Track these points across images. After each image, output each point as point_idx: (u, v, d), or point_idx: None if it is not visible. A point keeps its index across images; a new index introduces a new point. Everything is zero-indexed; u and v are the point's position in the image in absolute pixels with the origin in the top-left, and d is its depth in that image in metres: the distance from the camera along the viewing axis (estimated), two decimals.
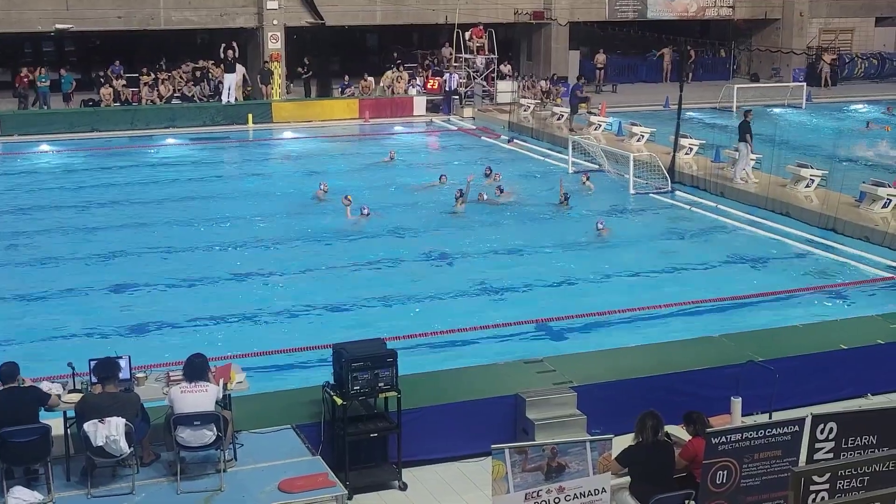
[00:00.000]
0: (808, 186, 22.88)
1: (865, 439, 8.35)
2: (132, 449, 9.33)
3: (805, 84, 38.86)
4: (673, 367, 11.92)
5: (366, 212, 21.05)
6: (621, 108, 34.90)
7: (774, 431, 8.40)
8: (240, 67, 34.75)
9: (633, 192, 23.99)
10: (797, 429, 8.45)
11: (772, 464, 8.40)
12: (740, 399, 10.39)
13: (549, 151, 29.06)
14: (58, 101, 33.96)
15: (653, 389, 11.35)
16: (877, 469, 7.92)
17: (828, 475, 7.96)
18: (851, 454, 8.27)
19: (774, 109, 35.51)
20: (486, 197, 22.61)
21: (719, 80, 41.12)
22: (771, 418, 10.54)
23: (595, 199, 23.39)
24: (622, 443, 9.21)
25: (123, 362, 9.99)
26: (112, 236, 20.19)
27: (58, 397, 9.72)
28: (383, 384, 10.26)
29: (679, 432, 9.74)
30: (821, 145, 29.43)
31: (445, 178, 24.02)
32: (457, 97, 35.68)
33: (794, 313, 15.46)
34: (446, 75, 36.26)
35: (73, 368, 10.00)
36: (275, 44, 35.56)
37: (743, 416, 10.43)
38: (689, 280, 17.69)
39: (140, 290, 17.03)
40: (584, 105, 32.91)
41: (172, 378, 10.08)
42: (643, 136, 28.87)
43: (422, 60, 40.31)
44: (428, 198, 23.12)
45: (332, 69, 37.90)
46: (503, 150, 29.64)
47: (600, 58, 41.16)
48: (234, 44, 34.30)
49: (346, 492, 9.65)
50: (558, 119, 32.56)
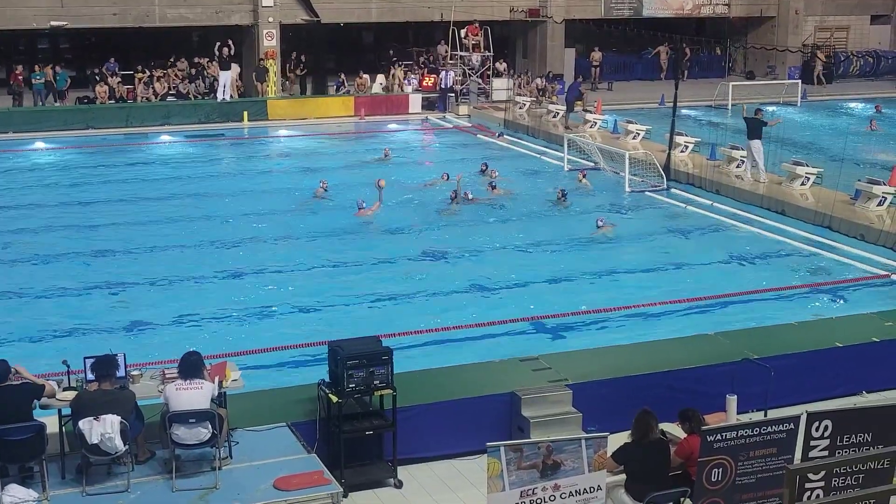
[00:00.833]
0: (803, 184, 22.91)
1: (860, 437, 8.35)
2: (127, 446, 9.32)
3: (800, 82, 38.91)
4: (668, 364, 11.92)
5: (368, 209, 21.04)
6: (617, 106, 34.89)
7: (770, 429, 8.40)
8: (235, 65, 34.71)
9: (628, 189, 23.99)
10: (792, 426, 8.46)
11: (767, 461, 8.40)
12: (735, 397, 10.39)
13: (545, 149, 29.07)
14: (52, 99, 33.92)
15: (648, 387, 11.37)
16: (872, 467, 7.94)
17: (823, 473, 7.98)
18: (846, 452, 8.27)
19: (770, 107, 35.46)
20: (472, 196, 22.57)
21: (715, 78, 41.15)
22: (766, 416, 10.55)
23: (591, 198, 23.38)
24: (617, 440, 9.20)
25: (119, 360, 9.97)
26: (107, 234, 20.17)
27: (53, 386, 9.70)
28: (379, 382, 10.26)
29: (674, 430, 9.74)
30: (817, 143, 29.46)
31: (447, 176, 24.05)
32: (452, 95, 35.69)
33: (789, 311, 15.47)
34: (442, 73, 36.25)
35: (69, 366, 9.99)
36: (270, 41, 35.52)
37: (738, 413, 10.44)
38: (685, 278, 17.69)
39: (135, 287, 16.99)
40: (579, 102, 32.92)
41: (167, 376, 10.06)
42: (639, 134, 28.89)
43: (417, 58, 40.29)
44: (424, 195, 23.12)
45: (328, 66, 37.86)
46: (498, 148, 29.64)
47: (596, 55, 41.15)
48: (230, 41, 34.27)
49: (342, 490, 9.63)
50: (554, 117, 32.58)
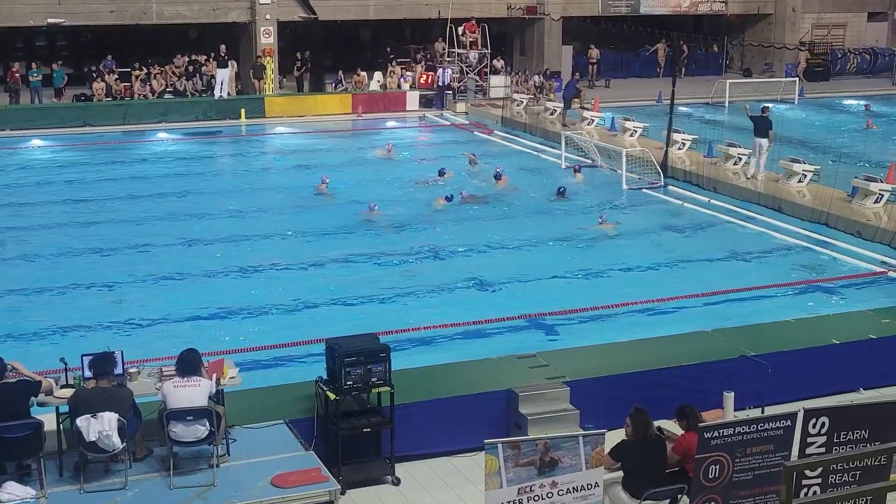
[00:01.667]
0: (800, 181, 22.93)
1: (857, 433, 8.36)
2: (125, 444, 9.32)
3: (797, 79, 38.91)
4: (665, 361, 11.94)
5: (375, 208, 21.13)
6: (614, 104, 34.89)
7: (767, 426, 8.41)
8: (232, 62, 34.69)
9: (625, 187, 24.00)
10: (789, 423, 8.47)
11: (764, 458, 8.41)
12: (733, 393, 10.41)
13: (543, 146, 29.07)
14: (49, 96, 33.90)
15: (645, 384, 11.38)
16: (868, 463, 7.97)
17: (820, 469, 8.00)
18: (843, 448, 8.28)
19: (768, 104, 35.47)
20: (467, 194, 22.57)
21: (712, 76, 41.18)
22: (763, 413, 10.58)
23: (588, 195, 23.39)
24: (615, 437, 9.21)
25: (117, 358, 9.95)
26: (104, 231, 20.15)
27: (50, 382, 9.70)
28: (376, 379, 10.25)
29: (672, 427, 9.75)
30: (814, 140, 29.46)
31: (452, 173, 24.01)
32: (450, 92, 35.68)
33: (786, 308, 15.47)
34: (439, 70, 36.23)
35: (66, 364, 9.98)
36: (267, 38, 35.50)
37: (735, 410, 10.46)
38: (682, 275, 17.70)
39: (132, 285, 16.98)
40: (576, 100, 32.92)
41: (165, 373, 10.06)
42: (636, 132, 28.90)
43: (414, 55, 40.28)
44: (422, 192, 23.10)
45: (325, 64, 37.84)
46: (495, 145, 29.63)
47: (593, 53, 41.15)
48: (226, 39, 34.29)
49: (339, 487, 9.63)
50: (551, 114, 32.57)
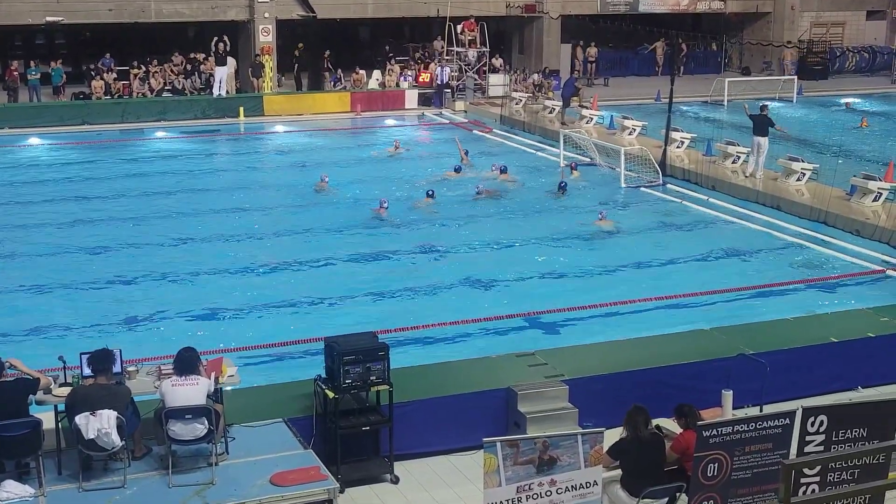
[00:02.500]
0: (799, 180, 22.93)
1: (856, 432, 8.36)
2: (124, 442, 9.31)
3: (796, 77, 38.91)
4: (664, 360, 11.94)
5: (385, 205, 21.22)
6: (613, 102, 34.89)
7: (765, 424, 8.41)
8: (231, 60, 34.67)
9: (624, 185, 24.00)
10: (788, 422, 8.47)
11: (763, 456, 8.41)
12: (731, 392, 10.41)
13: (541, 145, 29.06)
14: (48, 94, 33.88)
15: (644, 383, 11.39)
16: (867, 462, 7.97)
17: (818, 468, 7.99)
18: (842, 447, 8.28)
19: (765, 103, 35.49)
20: (483, 188, 22.73)
21: (710, 74, 41.17)
22: (762, 411, 10.58)
23: (586, 193, 23.39)
24: (613, 436, 9.22)
25: (115, 355, 9.93)
26: (103, 230, 20.13)
27: (49, 379, 9.69)
28: (375, 377, 10.26)
29: (670, 425, 9.76)
30: (812, 138, 29.47)
31: (457, 171, 24.04)
32: (448, 90, 35.67)
33: (784, 306, 15.47)
34: (438, 69, 36.23)
35: (64, 362, 9.97)
36: (266, 37, 35.48)
37: (734, 408, 10.46)
38: (681, 273, 17.70)
39: (131, 283, 16.97)
40: (575, 98, 32.93)
41: (164, 372, 10.05)
42: (635, 130, 28.89)
43: (413, 54, 40.26)
44: (421, 190, 23.09)
45: (324, 62, 37.80)
46: (493, 143, 29.62)
47: (592, 51, 41.14)
48: (225, 37, 34.21)
49: (338, 485, 9.62)
50: (550, 112, 32.56)
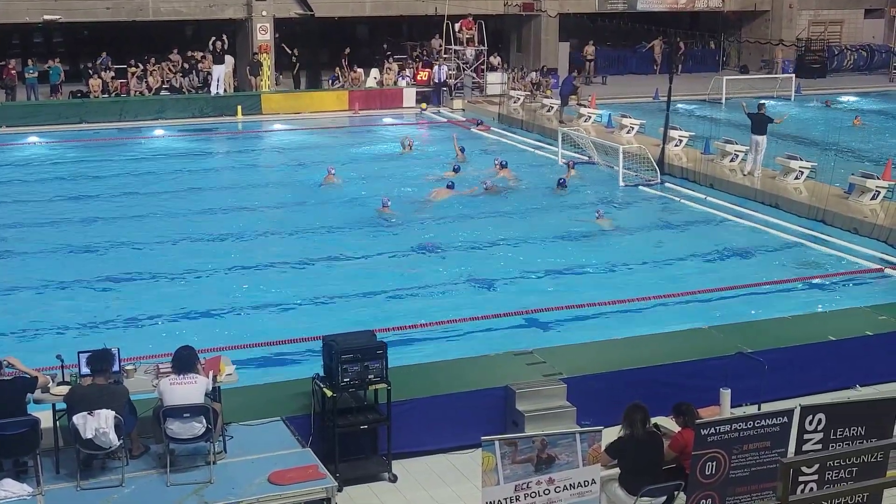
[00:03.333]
0: (797, 178, 22.94)
1: (854, 430, 8.37)
2: (121, 441, 9.31)
3: (794, 76, 38.93)
4: (662, 358, 11.95)
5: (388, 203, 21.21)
6: (611, 100, 34.89)
7: (763, 423, 8.41)
8: (229, 59, 34.65)
9: (622, 184, 24.00)
10: (786, 420, 8.47)
11: (761, 455, 8.42)
12: (729, 390, 10.42)
13: (540, 143, 29.06)
14: (46, 93, 33.85)
15: (642, 381, 11.38)
16: (865, 460, 7.97)
17: (816, 466, 8.00)
18: (840, 445, 8.29)
19: (766, 101, 35.52)
20: (490, 184, 22.89)
21: (709, 72, 41.16)
22: (760, 409, 10.57)
23: (585, 192, 23.40)
24: (612, 434, 9.22)
25: (114, 355, 9.93)
26: (101, 228, 20.13)
27: (46, 377, 9.69)
28: (373, 376, 10.26)
29: (668, 424, 9.77)
30: (809, 137, 29.48)
31: (456, 171, 24.07)
32: (446, 89, 35.65)
33: (782, 305, 15.49)
34: (436, 67, 36.21)
35: (62, 360, 9.97)
36: (264, 35, 35.46)
37: (732, 407, 10.46)
38: (679, 271, 17.70)
39: (129, 281, 16.97)
40: (574, 97, 32.93)
41: (162, 370, 10.05)
42: (633, 128, 28.88)
43: (411, 52, 40.25)
44: (419, 189, 23.10)
45: (322, 61, 37.79)
46: (492, 141, 29.63)
47: (590, 49, 41.14)
48: (223, 35, 34.20)
49: (336, 484, 9.63)
50: (548, 111, 32.56)
